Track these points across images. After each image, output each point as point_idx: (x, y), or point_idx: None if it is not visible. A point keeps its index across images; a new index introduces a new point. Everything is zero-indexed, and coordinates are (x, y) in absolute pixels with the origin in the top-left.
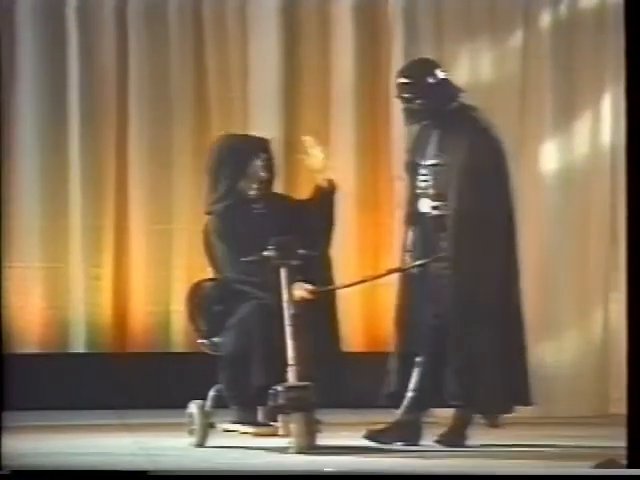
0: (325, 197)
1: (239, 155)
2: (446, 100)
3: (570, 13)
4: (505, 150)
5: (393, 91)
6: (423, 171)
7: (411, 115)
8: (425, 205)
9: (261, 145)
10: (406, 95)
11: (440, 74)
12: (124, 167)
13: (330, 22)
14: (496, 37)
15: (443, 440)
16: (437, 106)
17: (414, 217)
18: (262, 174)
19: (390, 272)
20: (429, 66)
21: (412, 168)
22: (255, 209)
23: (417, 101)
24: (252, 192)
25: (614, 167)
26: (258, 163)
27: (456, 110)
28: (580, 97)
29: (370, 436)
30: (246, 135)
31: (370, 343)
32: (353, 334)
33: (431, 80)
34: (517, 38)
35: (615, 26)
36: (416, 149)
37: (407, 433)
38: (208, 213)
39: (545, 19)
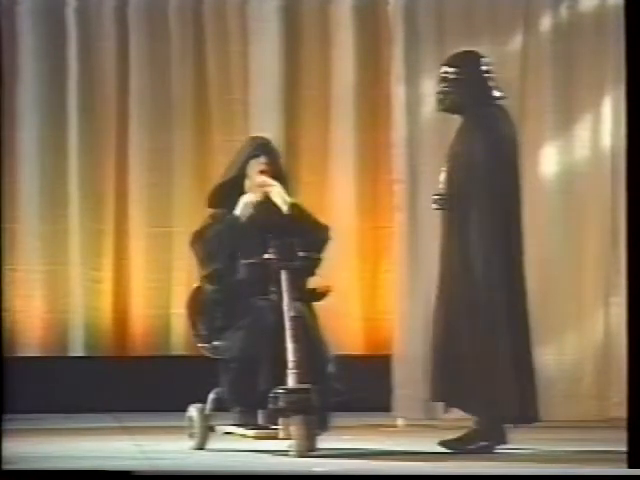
0: None
1: (241, 155)
2: (479, 100)
3: (570, 16)
4: (517, 154)
5: (393, 93)
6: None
7: (441, 104)
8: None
9: (261, 146)
10: (442, 85)
11: (482, 72)
12: (124, 170)
13: (331, 23)
14: (497, 39)
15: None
16: (469, 103)
17: None
18: (262, 174)
19: None
20: (473, 61)
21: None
22: (256, 212)
23: (451, 94)
24: (255, 192)
25: (614, 170)
26: (257, 163)
27: (486, 110)
28: (580, 100)
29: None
30: (250, 136)
31: (370, 346)
32: (353, 336)
33: (469, 76)
34: (517, 40)
35: (615, 29)
36: (451, 143)
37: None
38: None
39: (546, 22)
